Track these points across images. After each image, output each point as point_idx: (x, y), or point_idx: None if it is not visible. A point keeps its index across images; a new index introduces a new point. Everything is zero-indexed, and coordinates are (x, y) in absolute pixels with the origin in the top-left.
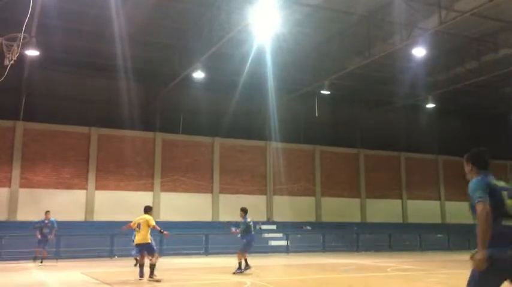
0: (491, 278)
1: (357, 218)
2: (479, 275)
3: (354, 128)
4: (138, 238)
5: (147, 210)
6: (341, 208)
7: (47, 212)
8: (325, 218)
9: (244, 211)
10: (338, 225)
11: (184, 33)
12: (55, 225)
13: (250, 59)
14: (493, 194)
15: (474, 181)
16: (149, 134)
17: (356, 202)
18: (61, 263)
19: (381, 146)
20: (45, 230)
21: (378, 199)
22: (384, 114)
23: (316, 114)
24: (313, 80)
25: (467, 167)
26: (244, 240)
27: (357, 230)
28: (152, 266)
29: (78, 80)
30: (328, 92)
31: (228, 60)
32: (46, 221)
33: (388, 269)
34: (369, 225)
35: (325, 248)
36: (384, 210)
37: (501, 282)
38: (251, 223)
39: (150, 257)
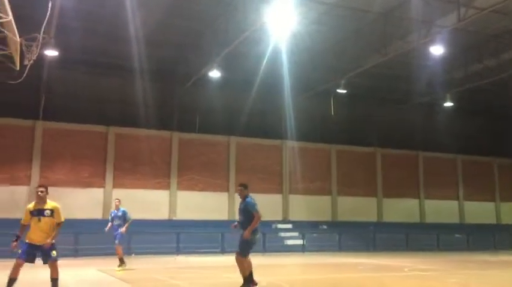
0: (251, 246)
1: (374, 218)
2: (246, 244)
3: (370, 127)
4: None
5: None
6: (357, 207)
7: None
8: (341, 217)
9: None
10: (354, 224)
11: (200, 33)
12: (127, 216)
13: (266, 57)
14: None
15: (250, 199)
16: (166, 133)
17: (372, 201)
18: (79, 261)
19: (398, 144)
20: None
21: (395, 198)
22: (401, 113)
23: (332, 113)
24: (329, 79)
25: (245, 191)
26: None
27: (374, 230)
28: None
29: (95, 80)
30: (345, 91)
31: (244, 59)
32: (116, 211)
33: (406, 269)
34: (386, 224)
35: (342, 247)
36: (401, 209)
37: (252, 248)
38: None
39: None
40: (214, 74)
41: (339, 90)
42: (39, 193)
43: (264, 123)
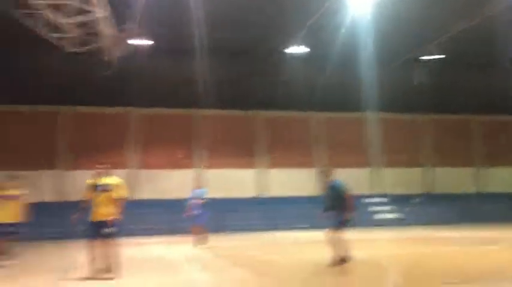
0: (348, 224)
1: (473, 189)
2: (347, 222)
3: (461, 94)
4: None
5: None
6: (454, 178)
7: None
8: (437, 189)
9: None
10: (451, 196)
11: (280, 8)
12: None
13: (347, 28)
14: None
15: (339, 181)
16: (249, 113)
17: (471, 171)
18: (176, 238)
19: (494, 110)
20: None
21: (497, 167)
22: (495, 77)
23: (420, 81)
24: (414, 47)
25: (330, 175)
26: None
27: (473, 201)
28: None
29: (178, 65)
30: (432, 57)
31: (324, 32)
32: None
33: (505, 243)
34: (487, 195)
35: (439, 220)
36: (505, 178)
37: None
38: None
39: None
40: (296, 49)
41: (424, 58)
42: (99, 170)
43: (347, 97)
